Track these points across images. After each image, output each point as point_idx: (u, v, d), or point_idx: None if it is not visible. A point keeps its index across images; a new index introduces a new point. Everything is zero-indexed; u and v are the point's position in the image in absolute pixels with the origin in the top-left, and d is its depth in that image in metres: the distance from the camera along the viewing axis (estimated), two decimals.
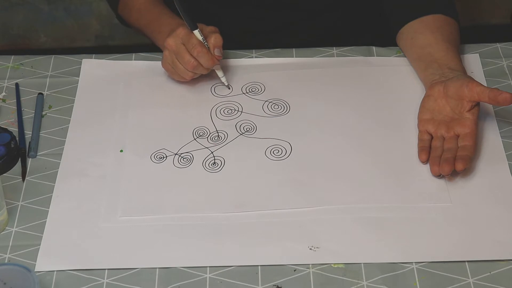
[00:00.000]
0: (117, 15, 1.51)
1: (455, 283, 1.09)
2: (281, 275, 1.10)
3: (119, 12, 1.50)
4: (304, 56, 1.42)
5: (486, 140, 1.26)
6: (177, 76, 1.33)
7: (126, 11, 1.47)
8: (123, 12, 1.49)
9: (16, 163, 1.25)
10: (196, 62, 1.29)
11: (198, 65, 1.30)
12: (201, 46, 1.28)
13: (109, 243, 1.14)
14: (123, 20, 1.50)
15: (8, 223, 1.17)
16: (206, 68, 1.31)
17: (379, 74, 1.38)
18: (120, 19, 1.51)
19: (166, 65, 1.33)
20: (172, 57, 1.30)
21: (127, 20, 1.49)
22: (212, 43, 1.30)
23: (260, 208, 1.17)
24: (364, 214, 1.16)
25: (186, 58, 1.29)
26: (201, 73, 1.32)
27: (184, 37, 1.29)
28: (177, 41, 1.29)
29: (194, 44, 1.28)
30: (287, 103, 1.34)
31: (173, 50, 1.30)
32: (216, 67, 1.33)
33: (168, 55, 1.31)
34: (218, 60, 1.31)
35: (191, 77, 1.32)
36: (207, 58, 1.29)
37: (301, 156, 1.25)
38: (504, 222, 1.15)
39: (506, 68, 1.39)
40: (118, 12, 1.50)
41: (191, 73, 1.31)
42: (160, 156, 1.25)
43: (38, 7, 2.44)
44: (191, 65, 1.29)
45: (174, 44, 1.29)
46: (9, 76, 1.39)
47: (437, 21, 1.37)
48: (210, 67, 1.31)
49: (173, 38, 1.30)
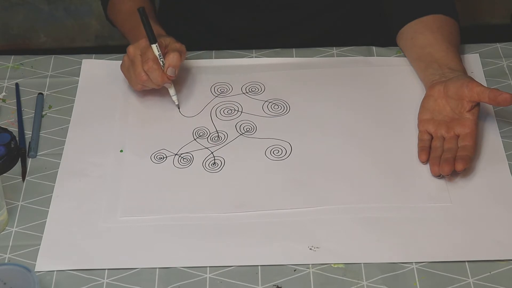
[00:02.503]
0: (107, 17, 1.51)
1: (455, 283, 1.09)
2: (281, 275, 1.10)
3: (108, 14, 1.50)
4: (304, 56, 1.42)
5: (486, 140, 1.26)
6: (130, 83, 1.31)
7: (113, 15, 1.47)
8: (111, 15, 1.48)
9: (16, 163, 1.25)
10: (146, 76, 1.27)
11: (148, 80, 1.27)
12: (153, 62, 1.26)
13: (109, 243, 1.14)
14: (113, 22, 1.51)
15: (8, 223, 1.17)
16: (155, 84, 1.28)
17: (379, 74, 1.38)
18: (111, 21, 1.51)
19: (123, 69, 1.31)
20: (128, 64, 1.29)
21: (114, 23, 1.49)
22: (169, 61, 1.27)
23: (260, 208, 1.17)
24: (364, 214, 1.16)
25: (137, 69, 1.27)
26: (151, 87, 1.30)
27: (143, 49, 1.28)
28: (136, 51, 1.28)
29: (147, 58, 1.26)
30: (287, 103, 1.34)
31: (130, 58, 1.28)
32: (168, 85, 1.30)
33: (126, 61, 1.30)
34: (170, 79, 1.28)
35: (141, 89, 1.30)
36: (156, 74, 1.26)
37: (301, 156, 1.25)
38: (504, 222, 1.15)
39: (506, 68, 1.39)
40: (108, 15, 1.50)
41: (140, 85, 1.29)
42: (160, 157, 1.25)
43: (38, 7, 2.44)
44: (141, 78, 1.27)
45: (133, 53, 1.28)
46: (9, 76, 1.39)
47: (437, 21, 1.37)
48: (160, 84, 1.28)
49: (134, 47, 1.28)
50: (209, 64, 1.41)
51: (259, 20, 1.50)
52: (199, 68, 1.39)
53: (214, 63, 1.41)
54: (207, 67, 1.40)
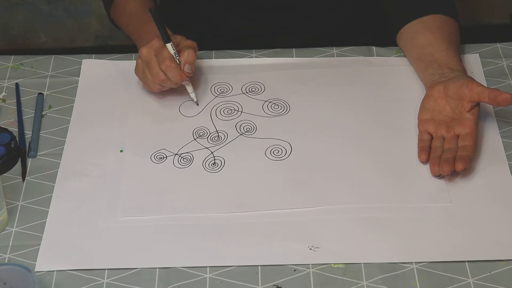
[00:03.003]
0: (110, 17, 1.51)
1: (455, 283, 1.09)
2: (281, 275, 1.10)
3: (111, 15, 1.50)
4: (304, 56, 1.42)
5: (486, 140, 1.26)
6: (147, 86, 1.32)
7: (117, 15, 1.47)
8: (115, 16, 1.48)
9: (16, 163, 1.25)
10: (164, 75, 1.27)
11: (166, 79, 1.27)
12: (170, 61, 1.26)
13: (109, 243, 1.14)
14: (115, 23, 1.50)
15: (8, 223, 1.17)
16: (174, 82, 1.29)
17: (379, 74, 1.38)
18: (113, 22, 1.51)
19: (138, 73, 1.31)
20: (143, 67, 1.29)
21: (117, 24, 1.49)
22: (184, 58, 1.27)
23: (260, 208, 1.17)
24: (364, 214, 1.16)
25: (155, 70, 1.27)
26: (169, 86, 1.30)
27: (157, 49, 1.27)
28: (149, 52, 1.28)
29: (163, 58, 1.26)
30: (287, 103, 1.34)
31: (145, 60, 1.28)
32: (186, 82, 1.31)
33: (140, 64, 1.30)
34: (187, 76, 1.28)
35: (159, 89, 1.30)
36: (175, 73, 1.26)
37: (301, 156, 1.25)
38: (504, 222, 1.15)
39: (506, 68, 1.39)
40: (110, 15, 1.50)
41: (159, 85, 1.29)
42: (160, 156, 1.25)
43: (38, 7, 2.44)
44: (159, 78, 1.27)
45: (146, 54, 1.28)
46: (9, 76, 1.39)
47: (437, 21, 1.37)
48: (178, 82, 1.29)
49: (147, 48, 1.28)
50: (209, 64, 1.41)
51: (259, 20, 1.50)
52: (199, 68, 1.39)
53: (214, 63, 1.41)
54: (207, 67, 1.40)
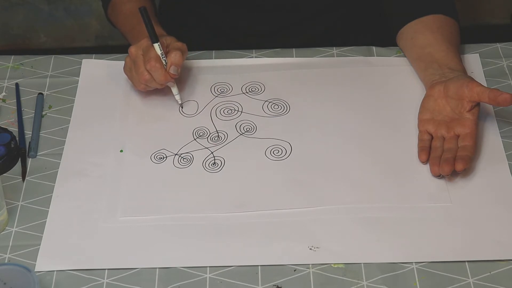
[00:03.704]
0: (107, 16, 1.51)
1: (455, 283, 1.09)
2: (281, 275, 1.10)
3: (109, 14, 1.50)
4: (304, 56, 1.42)
5: (486, 140, 1.26)
6: (134, 84, 1.32)
7: (114, 15, 1.47)
8: (112, 16, 1.48)
9: (16, 163, 1.25)
10: (149, 75, 1.27)
11: (151, 79, 1.27)
12: (156, 61, 1.26)
13: (109, 243, 1.14)
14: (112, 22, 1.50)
15: (8, 223, 1.17)
16: (158, 83, 1.28)
17: (379, 74, 1.38)
18: (110, 21, 1.51)
19: (125, 71, 1.32)
20: (130, 65, 1.30)
21: (115, 24, 1.49)
22: (171, 60, 1.27)
23: (260, 208, 1.17)
24: (364, 214, 1.16)
25: (140, 69, 1.27)
26: (155, 87, 1.30)
27: (145, 48, 1.28)
28: (138, 51, 1.28)
29: (149, 58, 1.26)
30: (287, 103, 1.34)
31: (132, 58, 1.29)
32: (171, 84, 1.30)
33: (128, 63, 1.30)
34: (172, 77, 1.28)
35: (144, 89, 1.31)
36: (159, 73, 1.26)
37: (301, 156, 1.25)
38: (504, 222, 1.15)
39: (506, 68, 1.39)
40: (108, 14, 1.50)
41: (144, 85, 1.29)
42: (160, 157, 1.25)
43: (38, 7, 2.44)
44: (144, 78, 1.27)
45: (134, 53, 1.28)
46: (9, 76, 1.39)
47: (437, 21, 1.37)
48: (163, 83, 1.28)
49: (135, 47, 1.28)
50: (209, 64, 1.41)
51: (259, 20, 1.50)
52: (199, 68, 1.39)
53: (214, 63, 1.41)
54: (207, 67, 1.40)
